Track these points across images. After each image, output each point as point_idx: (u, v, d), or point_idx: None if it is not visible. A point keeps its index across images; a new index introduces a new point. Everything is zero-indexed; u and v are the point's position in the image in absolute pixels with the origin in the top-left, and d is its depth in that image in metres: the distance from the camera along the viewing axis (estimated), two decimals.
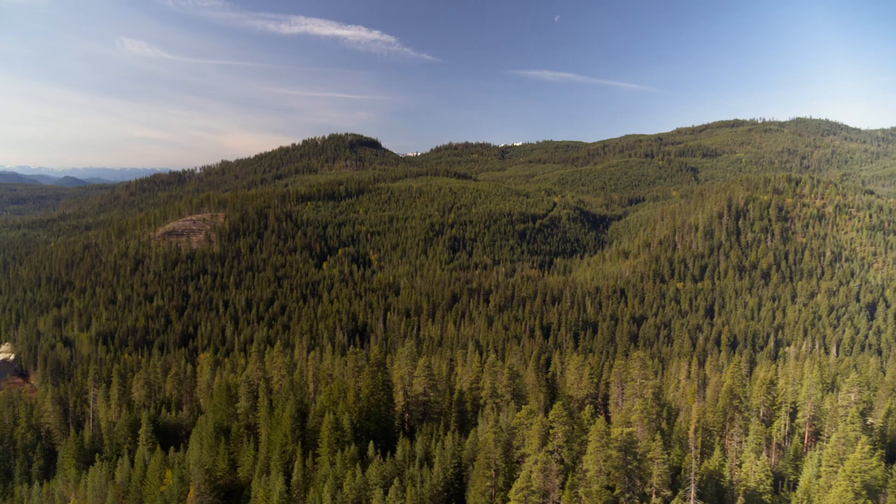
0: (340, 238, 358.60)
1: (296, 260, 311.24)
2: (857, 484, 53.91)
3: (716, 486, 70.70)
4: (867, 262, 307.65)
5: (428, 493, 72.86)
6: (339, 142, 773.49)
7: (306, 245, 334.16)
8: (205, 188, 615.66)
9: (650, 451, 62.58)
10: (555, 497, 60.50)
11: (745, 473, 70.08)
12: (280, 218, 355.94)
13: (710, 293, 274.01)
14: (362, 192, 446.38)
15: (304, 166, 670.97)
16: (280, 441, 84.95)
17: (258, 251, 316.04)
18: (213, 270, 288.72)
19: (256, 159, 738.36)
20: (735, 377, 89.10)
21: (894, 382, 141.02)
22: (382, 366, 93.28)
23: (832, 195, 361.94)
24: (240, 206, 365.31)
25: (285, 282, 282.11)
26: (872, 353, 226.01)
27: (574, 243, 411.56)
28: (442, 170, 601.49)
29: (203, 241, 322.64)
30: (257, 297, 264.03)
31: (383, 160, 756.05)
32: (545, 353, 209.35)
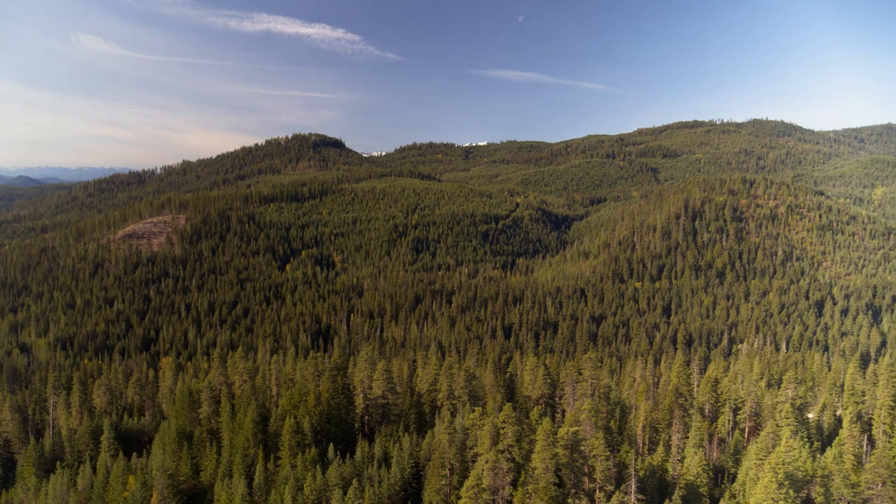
0: (304, 240, 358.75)
1: (259, 262, 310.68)
2: (780, 475, 58.21)
3: (658, 481, 74.77)
4: (817, 260, 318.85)
5: (386, 492, 75.60)
6: (303, 142, 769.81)
7: (269, 247, 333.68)
8: (166, 189, 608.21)
9: (593, 449, 66.34)
10: (504, 494, 63.79)
11: (686, 468, 74.33)
12: (243, 220, 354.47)
13: (667, 292, 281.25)
14: (326, 194, 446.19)
15: (267, 167, 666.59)
16: (242, 445, 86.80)
17: (221, 254, 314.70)
18: (175, 273, 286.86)
19: (219, 159, 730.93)
20: (680, 376, 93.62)
21: (836, 377, 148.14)
22: (342, 370, 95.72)
23: (784, 196, 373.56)
24: (202, 208, 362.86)
25: (248, 284, 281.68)
26: (820, 349, 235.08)
27: (536, 243, 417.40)
28: (406, 170, 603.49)
29: (164, 244, 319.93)
30: (220, 300, 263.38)
31: (347, 160, 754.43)
32: (506, 353, 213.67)
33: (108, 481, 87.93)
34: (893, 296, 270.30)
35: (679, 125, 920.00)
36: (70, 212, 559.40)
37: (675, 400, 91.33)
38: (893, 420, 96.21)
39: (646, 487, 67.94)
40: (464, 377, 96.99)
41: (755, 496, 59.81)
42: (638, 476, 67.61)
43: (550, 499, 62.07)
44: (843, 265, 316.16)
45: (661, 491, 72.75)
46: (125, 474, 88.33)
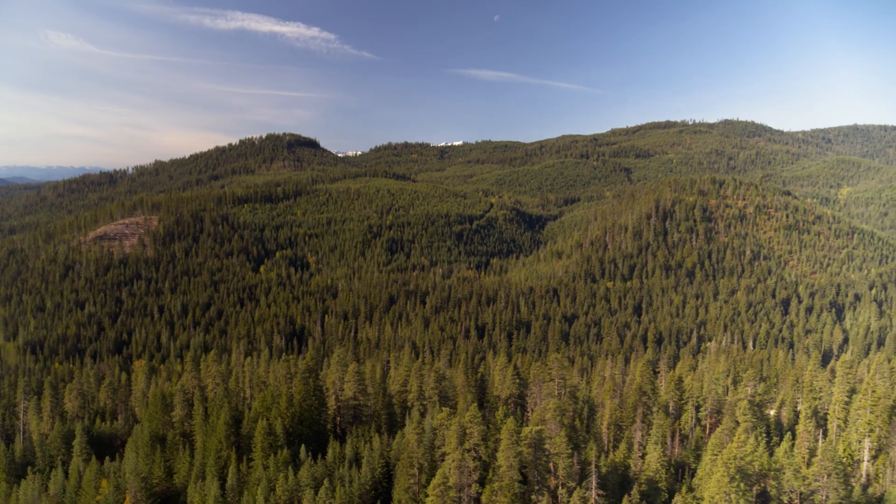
0: (278, 241, 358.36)
1: (232, 264, 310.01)
2: (731, 469, 61.13)
3: (620, 477, 77.57)
4: (783, 259, 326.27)
5: (357, 491, 77.39)
6: (277, 142, 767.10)
7: (243, 248, 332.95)
8: (138, 189, 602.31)
9: (556, 447, 68.84)
10: (471, 492, 66.02)
11: (647, 464, 77.17)
12: (216, 221, 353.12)
13: (638, 292, 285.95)
14: (300, 194, 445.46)
15: (241, 167, 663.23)
16: (215, 447, 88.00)
17: (194, 255, 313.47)
18: (148, 275, 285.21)
19: (192, 159, 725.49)
20: (643, 375, 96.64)
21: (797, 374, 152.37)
22: (314, 372, 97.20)
23: (753, 196, 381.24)
24: (174, 209, 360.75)
25: (222, 286, 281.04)
26: (785, 346, 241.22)
27: (510, 244, 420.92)
28: (381, 170, 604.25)
29: (137, 246, 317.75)
30: (193, 302, 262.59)
31: (322, 160, 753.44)
32: (479, 353, 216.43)
33: (81, 485, 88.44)
34: (856, 294, 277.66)
35: (652, 125, 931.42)
36: (39, 213, 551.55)
37: (638, 398, 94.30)
38: (847, 415, 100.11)
39: (607, 483, 70.60)
40: (433, 378, 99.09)
41: (708, 490, 62.73)
42: (599, 472, 70.22)
43: (515, 495, 64.44)
44: (809, 264, 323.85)
45: (622, 486, 75.46)
46: (98, 478, 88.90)
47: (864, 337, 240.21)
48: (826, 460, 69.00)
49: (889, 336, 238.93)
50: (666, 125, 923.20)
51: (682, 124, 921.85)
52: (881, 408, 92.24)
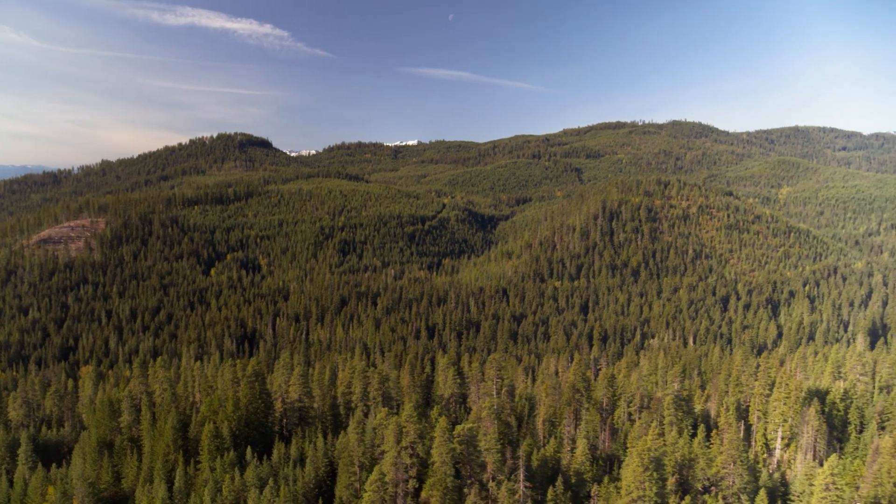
0: (229, 243, 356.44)
1: (182, 267, 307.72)
2: (646, 460, 66.52)
3: (551, 470, 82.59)
4: (724, 258, 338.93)
5: (301, 489, 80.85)
6: (229, 141, 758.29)
7: (193, 251, 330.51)
8: (84, 190, 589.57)
9: (486, 443, 73.44)
10: (406, 487, 70.13)
11: (575, 457, 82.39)
12: (165, 223, 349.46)
13: (585, 291, 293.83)
14: (252, 195, 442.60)
15: (191, 167, 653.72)
16: (163, 451, 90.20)
17: (142, 258, 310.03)
18: (95, 280, 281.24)
19: (140, 159, 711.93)
20: (576, 374, 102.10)
21: (728, 369, 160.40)
22: (260, 376, 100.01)
23: (696, 197, 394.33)
24: (122, 212, 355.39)
25: (172, 289, 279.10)
26: (723, 342, 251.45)
27: (462, 244, 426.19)
28: (334, 171, 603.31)
29: (83, 249, 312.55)
30: (142, 307, 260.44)
31: (274, 160, 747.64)
32: (429, 353, 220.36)
33: (27, 493, 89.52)
34: (791, 290, 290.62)
35: (603, 126, 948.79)
36: None
37: (571, 395, 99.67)
38: (766, 406, 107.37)
39: (534, 476, 75.48)
40: (377, 379, 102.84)
41: (625, 479, 68.04)
42: (529, 466, 75.11)
43: (447, 489, 68.79)
44: (748, 262, 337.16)
45: (552, 479, 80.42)
46: (44, 485, 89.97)
47: (797, 332, 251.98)
48: (731, 449, 75.16)
49: (819, 330, 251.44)
50: (616, 126, 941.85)
51: (631, 125, 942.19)
52: (793, 399, 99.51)
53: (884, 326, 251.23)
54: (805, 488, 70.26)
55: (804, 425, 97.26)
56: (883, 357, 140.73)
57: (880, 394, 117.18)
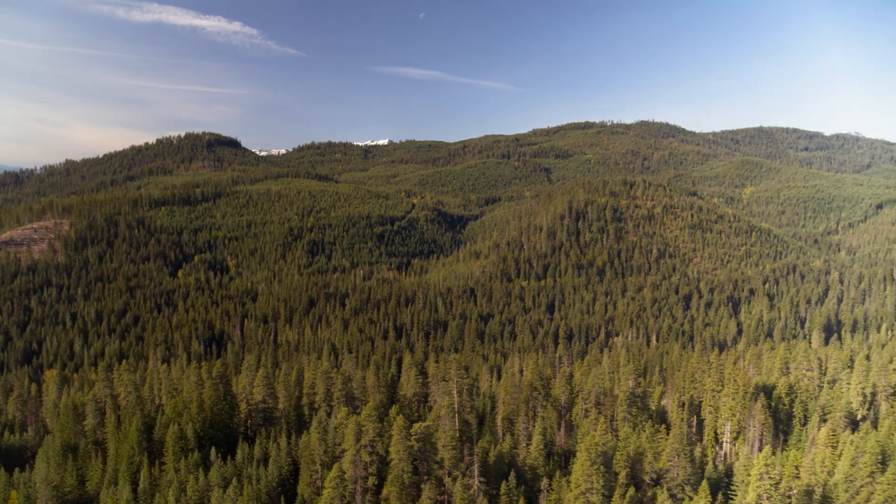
0: (196, 244, 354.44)
1: (149, 268, 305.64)
2: (593, 455, 69.89)
3: (507, 465, 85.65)
4: (688, 257, 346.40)
5: (264, 488, 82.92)
6: (197, 141, 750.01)
7: (160, 253, 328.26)
8: (47, 191, 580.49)
9: (441, 441, 76.27)
10: (365, 484, 72.67)
11: (530, 452, 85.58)
12: (132, 225, 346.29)
13: (551, 290, 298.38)
14: (220, 196, 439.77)
15: (158, 167, 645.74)
16: (127, 453, 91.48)
17: (108, 260, 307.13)
18: (59, 282, 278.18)
19: (106, 159, 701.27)
20: (534, 373, 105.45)
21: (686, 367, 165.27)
22: (225, 378, 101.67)
23: (661, 197, 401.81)
24: (87, 213, 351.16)
25: (138, 292, 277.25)
26: (685, 339, 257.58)
27: (431, 244, 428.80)
28: (303, 171, 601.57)
29: (46, 251, 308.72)
30: (108, 309, 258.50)
31: (243, 160, 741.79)
32: (397, 353, 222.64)
33: None
34: (751, 288, 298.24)
35: (572, 126, 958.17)
36: None
37: (529, 393, 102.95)
38: (717, 402, 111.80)
39: (490, 471, 78.50)
40: (341, 380, 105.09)
41: (574, 473, 71.35)
42: (486, 462, 78.11)
43: (405, 485, 71.49)
44: (711, 261, 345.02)
45: (507, 474, 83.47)
46: (7, 490, 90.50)
47: (756, 329, 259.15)
48: (676, 443, 78.99)
49: (777, 327, 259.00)
50: (585, 126, 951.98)
51: (600, 125, 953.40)
52: (741, 395, 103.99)
53: (838, 323, 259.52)
54: (744, 478, 74.21)
55: (751, 419, 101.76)
56: (831, 353, 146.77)
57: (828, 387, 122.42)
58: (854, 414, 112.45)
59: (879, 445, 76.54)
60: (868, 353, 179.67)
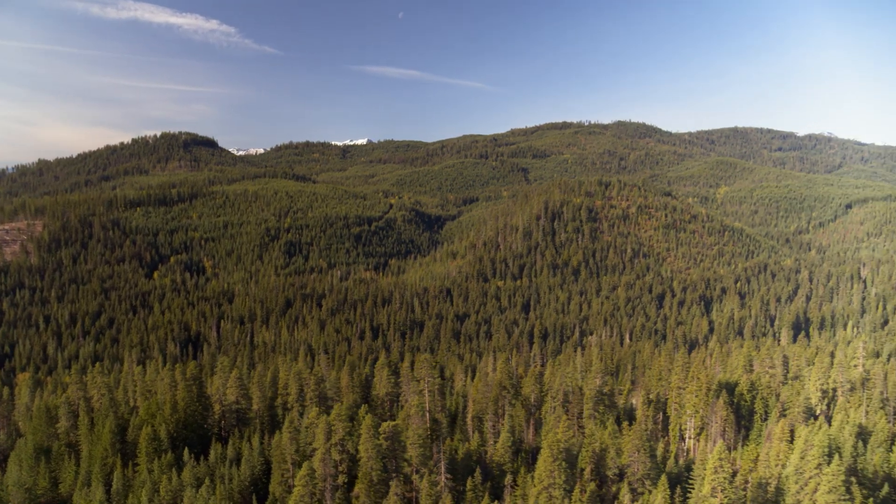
0: (173, 245, 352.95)
1: (124, 270, 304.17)
2: (555, 451, 72.38)
3: (476, 462, 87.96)
4: (661, 256, 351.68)
5: (237, 487, 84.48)
6: (173, 141, 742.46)
7: (136, 254, 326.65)
8: (19, 191, 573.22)
9: (410, 439, 78.39)
10: (335, 482, 74.53)
11: (497, 449, 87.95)
12: (106, 226, 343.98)
13: (527, 290, 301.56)
14: (196, 196, 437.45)
15: (134, 167, 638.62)
16: (101, 455, 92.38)
17: (82, 262, 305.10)
18: (32, 284, 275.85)
19: (80, 158, 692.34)
20: (503, 372, 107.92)
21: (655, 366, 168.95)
22: (198, 379, 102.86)
23: (636, 197, 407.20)
24: (60, 214, 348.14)
25: (113, 293, 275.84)
26: (658, 338, 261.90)
27: (409, 244, 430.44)
28: (281, 171, 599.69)
29: (19, 253, 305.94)
30: (82, 311, 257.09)
31: (220, 160, 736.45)
32: (373, 353, 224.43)
33: None
34: (723, 287, 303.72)
35: (549, 126, 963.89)
36: None
37: (499, 392, 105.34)
38: (681, 399, 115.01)
39: (457, 468, 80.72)
40: (314, 381, 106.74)
41: (538, 469, 73.79)
42: (452, 459, 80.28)
43: (373, 483, 73.48)
44: (684, 260, 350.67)
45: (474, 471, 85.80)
46: None
47: (727, 327, 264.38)
48: (636, 439, 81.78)
49: (747, 325, 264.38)
50: (563, 126, 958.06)
51: (577, 125, 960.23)
52: (704, 392, 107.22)
53: (807, 320, 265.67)
54: (701, 472, 77.08)
55: (713, 416, 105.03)
56: (797, 350, 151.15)
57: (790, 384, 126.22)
58: (813, 409, 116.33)
59: (828, 438, 79.95)
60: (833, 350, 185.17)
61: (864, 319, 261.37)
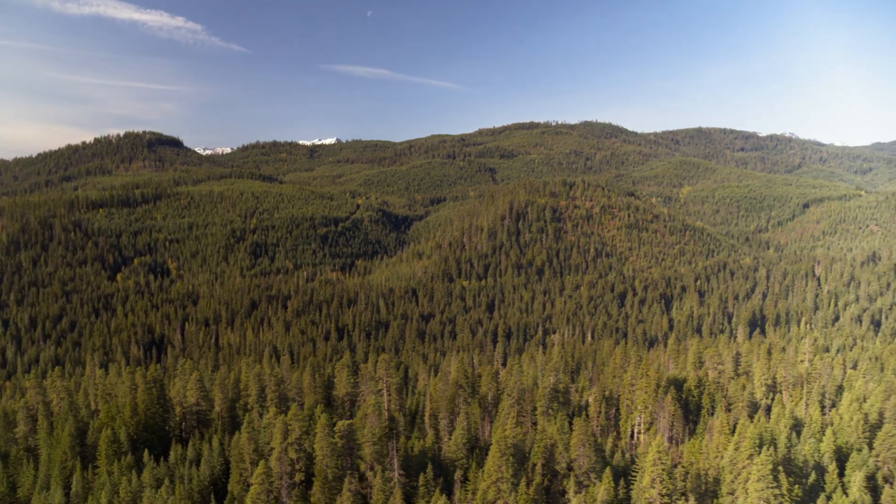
0: (136, 247, 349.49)
1: (86, 272, 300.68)
2: (503, 447, 75.66)
3: (430, 459, 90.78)
4: (624, 256, 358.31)
5: (196, 487, 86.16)
6: (137, 140, 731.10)
7: (98, 256, 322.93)
8: None
9: (364, 437, 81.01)
10: (290, 479, 76.79)
11: (450, 446, 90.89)
12: (68, 227, 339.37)
13: (491, 290, 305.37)
14: (161, 197, 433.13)
15: (96, 167, 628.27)
16: (60, 458, 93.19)
17: (43, 265, 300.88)
18: None
19: (40, 158, 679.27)
20: (459, 371, 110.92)
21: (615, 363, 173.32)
22: (159, 382, 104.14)
23: (599, 197, 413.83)
24: (20, 215, 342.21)
25: (75, 296, 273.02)
26: (619, 336, 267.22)
27: (376, 244, 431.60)
28: (247, 171, 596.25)
29: None
30: (43, 315, 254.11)
31: (185, 160, 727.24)
32: (338, 354, 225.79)
33: None
34: (683, 286, 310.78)
35: (517, 126, 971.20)
36: None
37: (455, 391, 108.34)
38: (632, 395, 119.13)
39: (411, 465, 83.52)
40: (274, 381, 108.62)
41: (486, 464, 76.94)
42: (407, 455, 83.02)
43: (328, 480, 75.90)
44: (646, 259, 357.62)
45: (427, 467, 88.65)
46: None
47: (686, 324, 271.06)
48: (581, 434, 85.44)
49: (705, 323, 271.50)
50: (530, 126, 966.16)
51: (545, 125, 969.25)
52: (653, 388, 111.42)
53: (763, 317, 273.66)
54: (643, 465, 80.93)
55: (661, 411, 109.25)
56: (751, 346, 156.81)
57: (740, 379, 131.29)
58: (758, 403, 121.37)
59: (760, 431, 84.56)
60: (785, 346, 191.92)
61: (817, 316, 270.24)
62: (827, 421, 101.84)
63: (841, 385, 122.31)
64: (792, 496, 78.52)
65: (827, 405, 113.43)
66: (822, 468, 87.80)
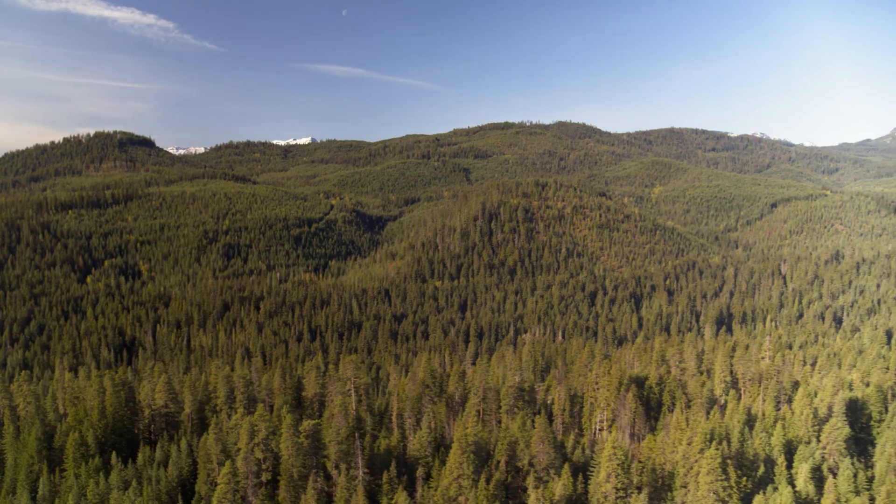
0: (107, 249, 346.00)
1: (55, 275, 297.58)
2: (464, 444, 77.95)
3: (396, 458, 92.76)
4: (595, 256, 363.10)
5: (164, 488, 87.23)
6: (107, 140, 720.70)
7: (68, 258, 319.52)
8: None
9: (329, 437, 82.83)
10: (257, 479, 78.35)
11: (415, 444, 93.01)
12: (36, 230, 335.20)
13: (464, 290, 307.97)
14: (132, 198, 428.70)
15: (66, 167, 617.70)
16: (26, 462, 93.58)
17: (10, 267, 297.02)
18: None
19: (7, 158, 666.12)
20: (426, 371, 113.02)
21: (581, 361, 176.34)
22: (127, 385, 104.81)
23: (571, 197, 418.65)
24: None
25: (43, 299, 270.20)
26: (590, 335, 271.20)
27: (349, 245, 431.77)
28: (220, 172, 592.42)
29: None
30: (10, 318, 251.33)
31: (157, 160, 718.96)
32: (310, 355, 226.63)
33: None
34: (653, 285, 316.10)
35: (491, 126, 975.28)
36: None
37: (422, 391, 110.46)
38: (595, 392, 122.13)
39: (376, 463, 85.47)
40: (242, 383, 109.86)
41: (448, 462, 79.18)
42: (372, 454, 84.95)
43: (293, 478, 77.62)
44: (617, 259, 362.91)
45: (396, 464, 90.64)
46: None
47: (655, 323, 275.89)
48: (541, 431, 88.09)
49: (674, 321, 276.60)
50: (504, 126, 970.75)
51: (519, 125, 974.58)
52: (614, 386, 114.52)
53: (730, 315, 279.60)
54: (600, 460, 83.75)
55: (623, 408, 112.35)
56: (715, 344, 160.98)
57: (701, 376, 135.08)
58: (717, 400, 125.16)
59: (710, 426, 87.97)
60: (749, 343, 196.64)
61: (782, 314, 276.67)
62: (779, 416, 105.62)
63: (797, 381, 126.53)
64: (740, 488, 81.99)
65: (783, 400, 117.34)
66: (771, 461, 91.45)
